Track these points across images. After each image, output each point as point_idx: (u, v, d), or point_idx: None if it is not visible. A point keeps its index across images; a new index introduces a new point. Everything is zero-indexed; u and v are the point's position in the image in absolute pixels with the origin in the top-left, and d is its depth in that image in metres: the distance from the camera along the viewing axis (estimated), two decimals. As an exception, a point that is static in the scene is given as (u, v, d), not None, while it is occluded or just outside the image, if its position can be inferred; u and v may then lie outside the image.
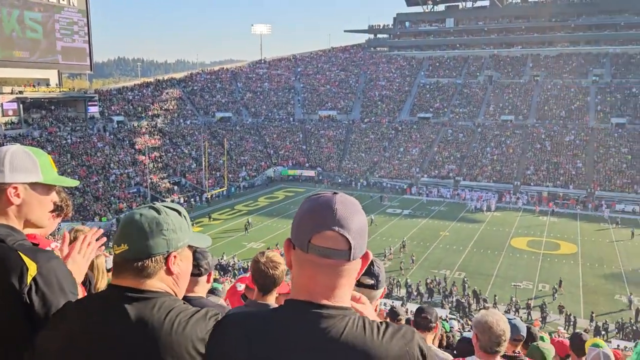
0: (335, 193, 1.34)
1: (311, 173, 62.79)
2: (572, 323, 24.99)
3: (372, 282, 2.14)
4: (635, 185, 51.00)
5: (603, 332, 24.22)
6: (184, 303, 1.57)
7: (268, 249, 30.15)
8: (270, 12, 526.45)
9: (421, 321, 3.88)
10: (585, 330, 23.72)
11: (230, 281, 21.91)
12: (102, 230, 2.20)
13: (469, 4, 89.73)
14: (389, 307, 7.44)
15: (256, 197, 54.41)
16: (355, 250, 1.27)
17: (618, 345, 22.12)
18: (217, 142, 63.75)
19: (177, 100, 70.52)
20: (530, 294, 29.00)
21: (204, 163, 53.06)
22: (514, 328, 3.42)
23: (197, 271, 2.65)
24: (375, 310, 2.33)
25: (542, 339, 5.48)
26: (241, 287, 3.46)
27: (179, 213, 1.60)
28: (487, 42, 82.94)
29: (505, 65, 78.26)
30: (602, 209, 47.00)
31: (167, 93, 70.53)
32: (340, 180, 60.71)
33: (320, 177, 61.87)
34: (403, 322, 4.85)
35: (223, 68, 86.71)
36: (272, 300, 2.80)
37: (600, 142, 58.75)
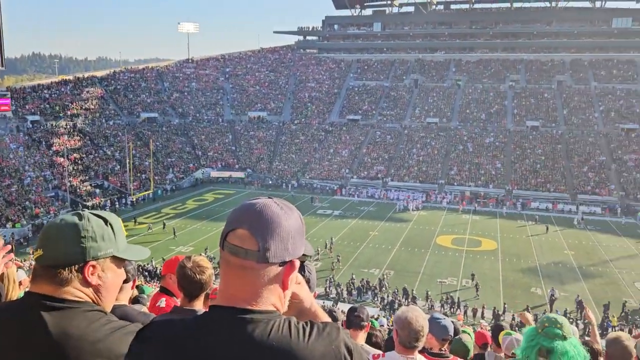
0: (270, 197, 1.33)
1: (240, 174, 62.18)
2: (496, 315, 26.24)
3: None
4: (548, 184, 54.54)
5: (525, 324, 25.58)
6: (108, 314, 1.48)
7: (205, 254, 29.59)
8: (198, 11, 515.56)
9: (354, 320, 3.93)
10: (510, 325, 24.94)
11: (157, 287, 21.20)
12: (8, 247, 2.04)
13: (395, 10, 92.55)
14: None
15: (184, 199, 53.08)
16: (269, 253, 1.24)
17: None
18: (142, 143, 61.52)
19: (99, 99, 67.34)
20: (455, 289, 30.25)
21: (128, 165, 51.06)
22: (443, 329, 3.54)
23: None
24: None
25: (464, 332, 5.71)
26: (163, 302, 3.34)
27: (105, 222, 1.50)
28: (412, 47, 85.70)
29: (430, 69, 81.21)
30: (516, 206, 50.01)
31: (87, 92, 67.16)
32: (270, 182, 60.48)
33: (250, 179, 61.36)
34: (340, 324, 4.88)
35: (148, 67, 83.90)
36: (199, 306, 2.72)
37: (517, 143, 62.34)
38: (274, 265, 1.26)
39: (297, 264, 1.32)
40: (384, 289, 29.86)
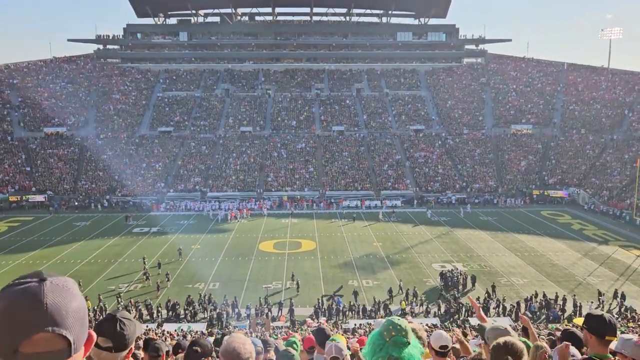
0: (42, 279, 1.11)
1: (40, 198, 55.56)
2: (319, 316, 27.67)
3: (110, 344, 1.98)
4: (356, 184, 59.32)
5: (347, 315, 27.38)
6: None
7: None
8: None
9: (192, 354, 3.90)
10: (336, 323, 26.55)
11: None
12: None
13: (201, 19, 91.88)
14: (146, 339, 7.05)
15: (-32, 232, 45.55)
16: (77, 344, 1.11)
17: (355, 324, 25.39)
18: None
19: None
20: (280, 292, 31.13)
21: None
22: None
23: None
24: None
25: (292, 343, 5.90)
26: None
27: None
28: (221, 57, 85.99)
29: (240, 79, 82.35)
30: (329, 206, 53.54)
31: None
32: (77, 203, 55.21)
33: (52, 202, 55.18)
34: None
35: None
36: None
37: (326, 148, 66.60)
38: (78, 353, 1.12)
39: (94, 335, 1.21)
40: (212, 304, 29.29)
